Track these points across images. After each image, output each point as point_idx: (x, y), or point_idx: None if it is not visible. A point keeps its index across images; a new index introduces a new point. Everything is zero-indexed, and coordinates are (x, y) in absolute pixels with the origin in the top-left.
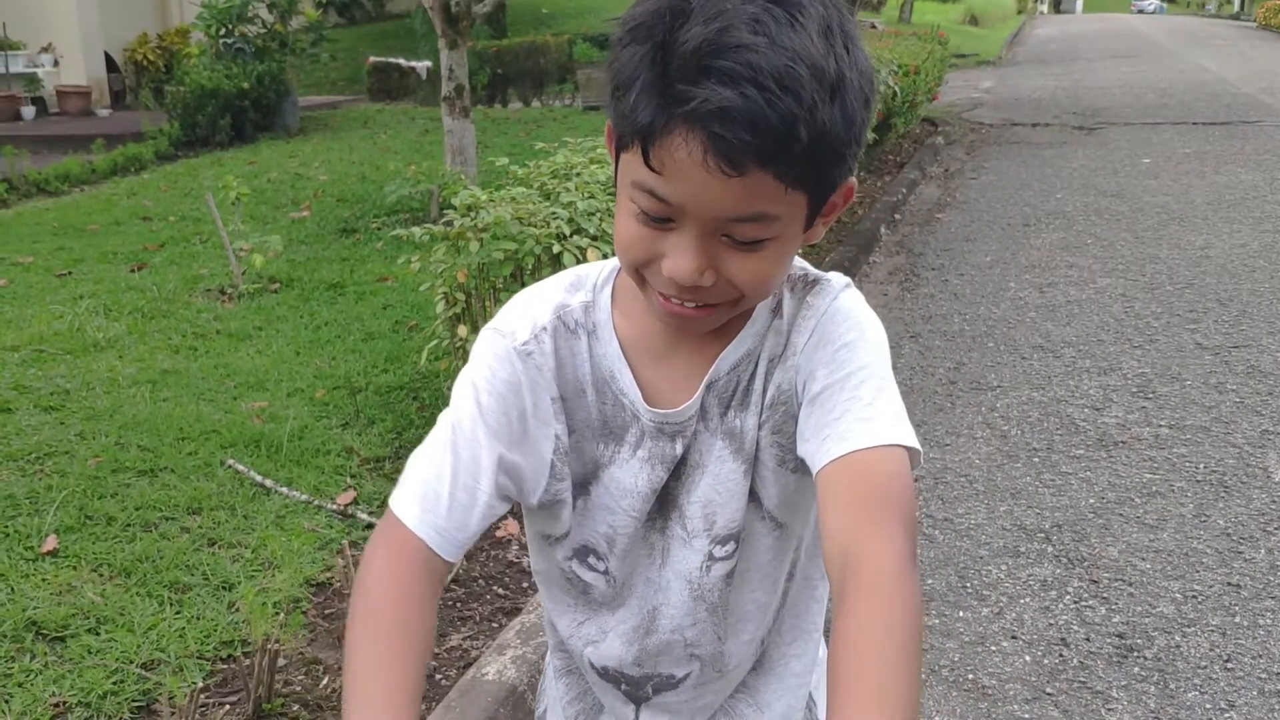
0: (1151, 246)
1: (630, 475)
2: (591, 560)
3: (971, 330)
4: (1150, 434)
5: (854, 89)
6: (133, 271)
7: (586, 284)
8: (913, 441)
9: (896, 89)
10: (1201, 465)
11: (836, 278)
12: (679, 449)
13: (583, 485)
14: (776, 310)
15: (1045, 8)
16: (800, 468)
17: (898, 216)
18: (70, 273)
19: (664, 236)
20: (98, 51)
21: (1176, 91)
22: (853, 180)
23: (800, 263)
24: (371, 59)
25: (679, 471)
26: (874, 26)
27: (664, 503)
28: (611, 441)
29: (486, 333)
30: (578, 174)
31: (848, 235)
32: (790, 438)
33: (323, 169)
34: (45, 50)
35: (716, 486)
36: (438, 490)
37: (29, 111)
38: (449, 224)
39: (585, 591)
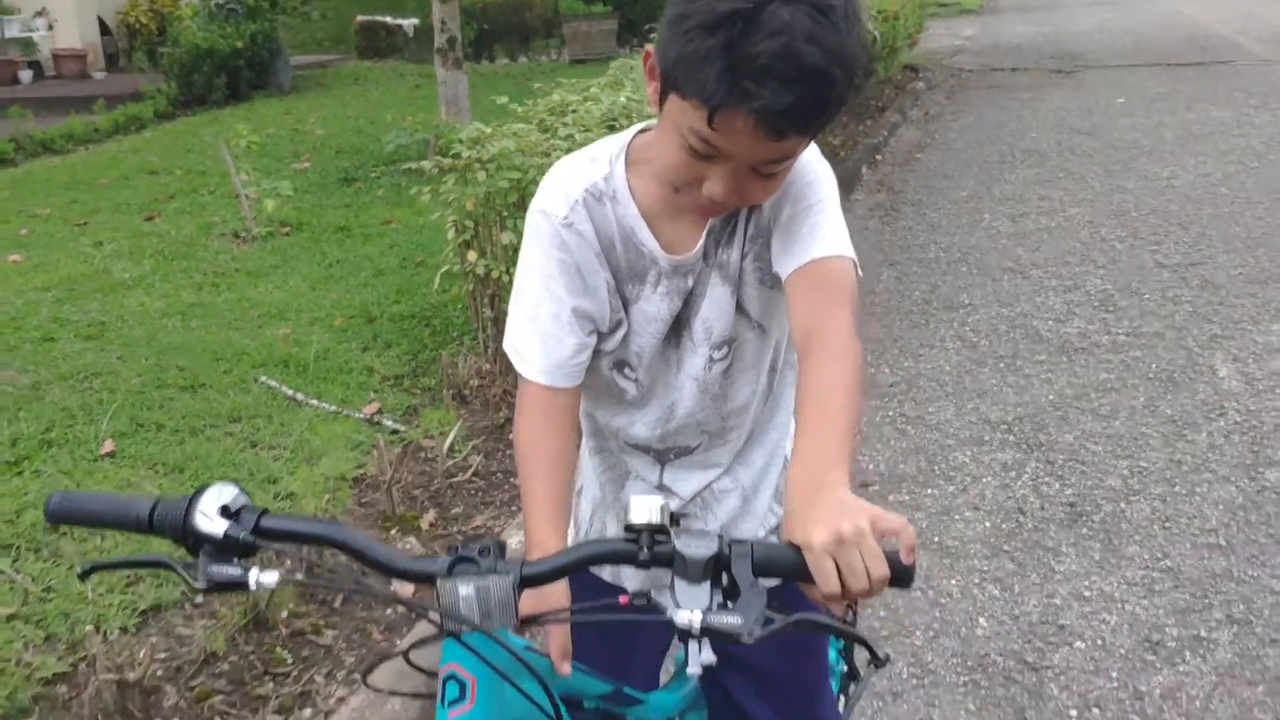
0: (1120, 179)
1: (653, 306)
2: (626, 371)
3: (947, 257)
4: (1108, 341)
5: (860, 62)
6: (147, 220)
7: (603, 158)
8: (852, 254)
9: (876, 34)
10: (1154, 365)
11: None
12: (690, 282)
13: (625, 315)
14: None
15: None
16: (775, 284)
17: (879, 157)
18: (87, 223)
19: (706, 166)
20: (91, 15)
21: (1153, 35)
22: None
23: None
24: (359, 18)
25: (690, 302)
26: None
27: (677, 326)
28: (637, 282)
29: (535, 215)
30: (574, 110)
31: None
32: (767, 261)
33: (319, 124)
34: (39, 15)
35: (712, 307)
36: (539, 344)
37: (26, 75)
38: (456, 156)
39: (621, 396)
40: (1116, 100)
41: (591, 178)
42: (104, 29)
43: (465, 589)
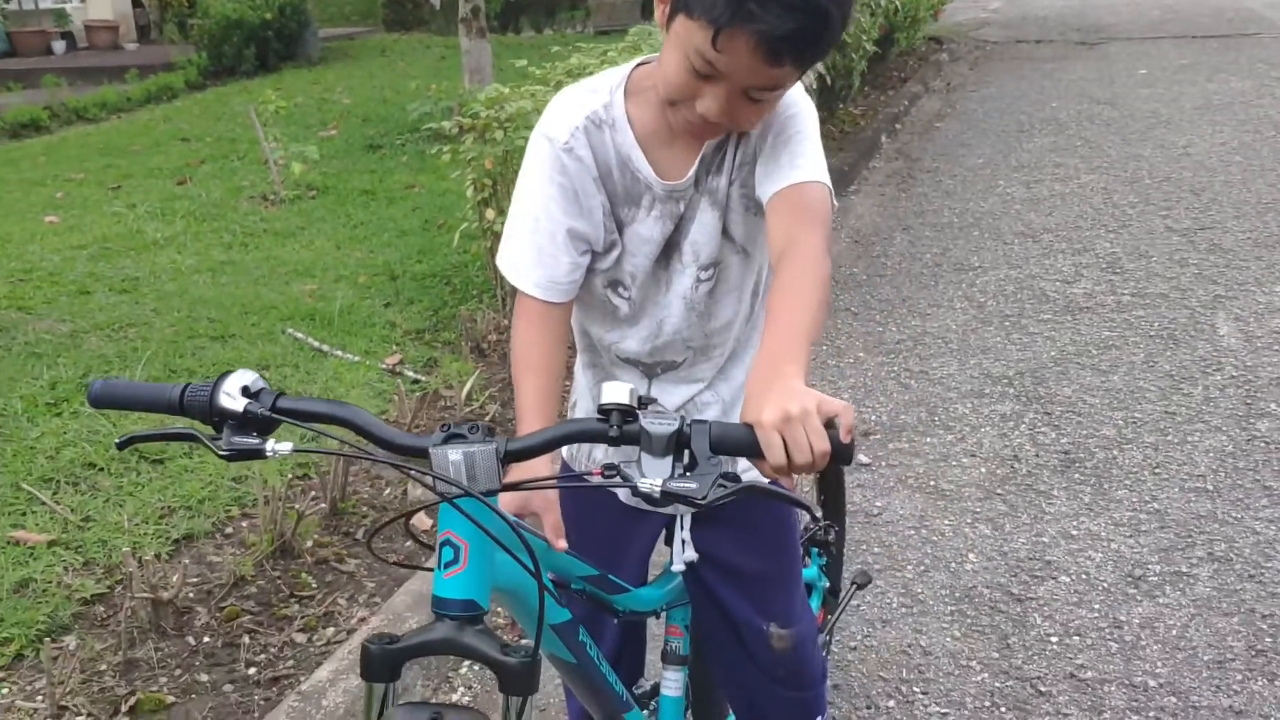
0: (1136, 147)
1: (647, 229)
2: (619, 290)
3: (960, 222)
4: (1113, 301)
5: (850, 9)
6: (179, 184)
7: (603, 88)
8: (827, 180)
9: (898, 4)
10: (1156, 324)
11: None
12: (681, 207)
13: (619, 237)
14: None
15: None
16: (759, 210)
17: (898, 126)
18: (120, 186)
19: (703, 84)
20: None
21: (1181, 7)
22: None
23: None
24: None
25: (680, 225)
26: None
27: (668, 248)
28: (632, 205)
29: (538, 139)
30: (590, 73)
31: (849, 143)
32: (751, 189)
33: (346, 93)
34: None
35: (701, 231)
36: (534, 258)
37: (59, 46)
38: (475, 116)
39: (614, 313)
40: (1138, 71)
41: (592, 106)
42: (135, 1)
43: (454, 454)
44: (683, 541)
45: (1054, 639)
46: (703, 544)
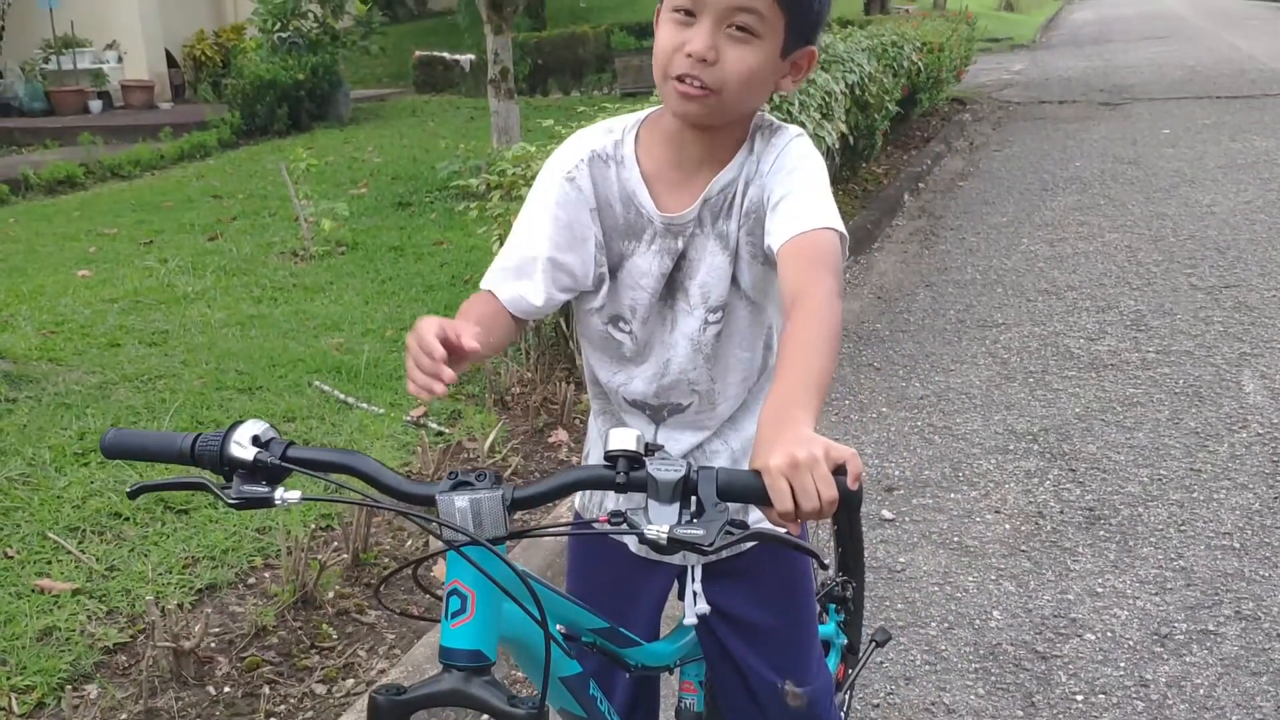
0: (1161, 205)
1: (646, 262)
2: (621, 325)
3: (983, 279)
4: (1138, 358)
5: None
6: (210, 240)
7: (617, 129)
8: (840, 227)
9: (920, 65)
10: (1181, 381)
11: (792, 127)
12: (680, 245)
13: (613, 272)
14: (751, 149)
15: None
16: (767, 260)
17: (921, 185)
18: (152, 241)
19: (687, 29)
20: (159, 48)
21: (1204, 68)
22: (814, 48)
23: (770, 116)
24: (418, 53)
25: (684, 265)
26: (907, 11)
27: (673, 287)
28: (633, 239)
29: (545, 169)
30: None
31: (873, 201)
32: (759, 238)
33: (376, 152)
34: (110, 47)
35: (710, 273)
36: (514, 273)
37: (96, 105)
38: (502, 173)
39: (618, 349)
40: (1162, 130)
41: (601, 143)
42: (171, 61)
43: (460, 502)
44: (694, 594)
45: (1079, 698)
46: (714, 598)
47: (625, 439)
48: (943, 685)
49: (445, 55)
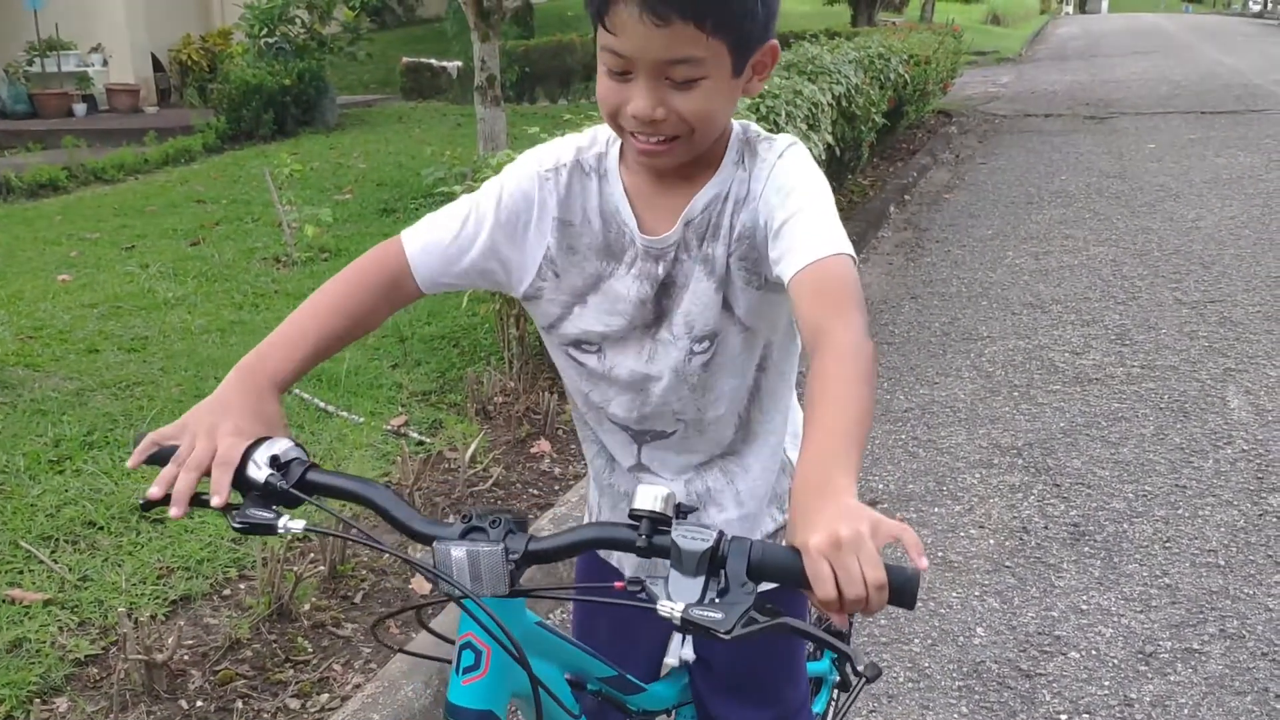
0: (1145, 219)
1: (625, 286)
2: (584, 347)
3: (968, 291)
4: (1123, 373)
5: None
6: (192, 245)
7: (603, 138)
8: (852, 251)
9: (907, 77)
10: (1166, 396)
11: (784, 137)
12: (661, 270)
13: (582, 295)
14: (740, 163)
15: (1070, 8)
16: (765, 286)
17: (907, 197)
18: (134, 246)
19: (626, 86)
20: (145, 52)
21: (1190, 83)
22: (774, 42)
23: (756, 127)
24: (405, 59)
25: (668, 290)
26: (894, 24)
27: (657, 315)
28: (612, 260)
29: (525, 155)
30: None
31: (858, 213)
32: (754, 263)
33: (362, 158)
34: (95, 50)
35: (695, 300)
36: (439, 239)
37: (80, 108)
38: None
39: (584, 365)
40: (1147, 145)
41: (584, 151)
42: (157, 65)
43: (457, 552)
44: (683, 637)
45: (1063, 717)
46: (701, 645)
47: (653, 498)
48: (926, 704)
49: (433, 62)
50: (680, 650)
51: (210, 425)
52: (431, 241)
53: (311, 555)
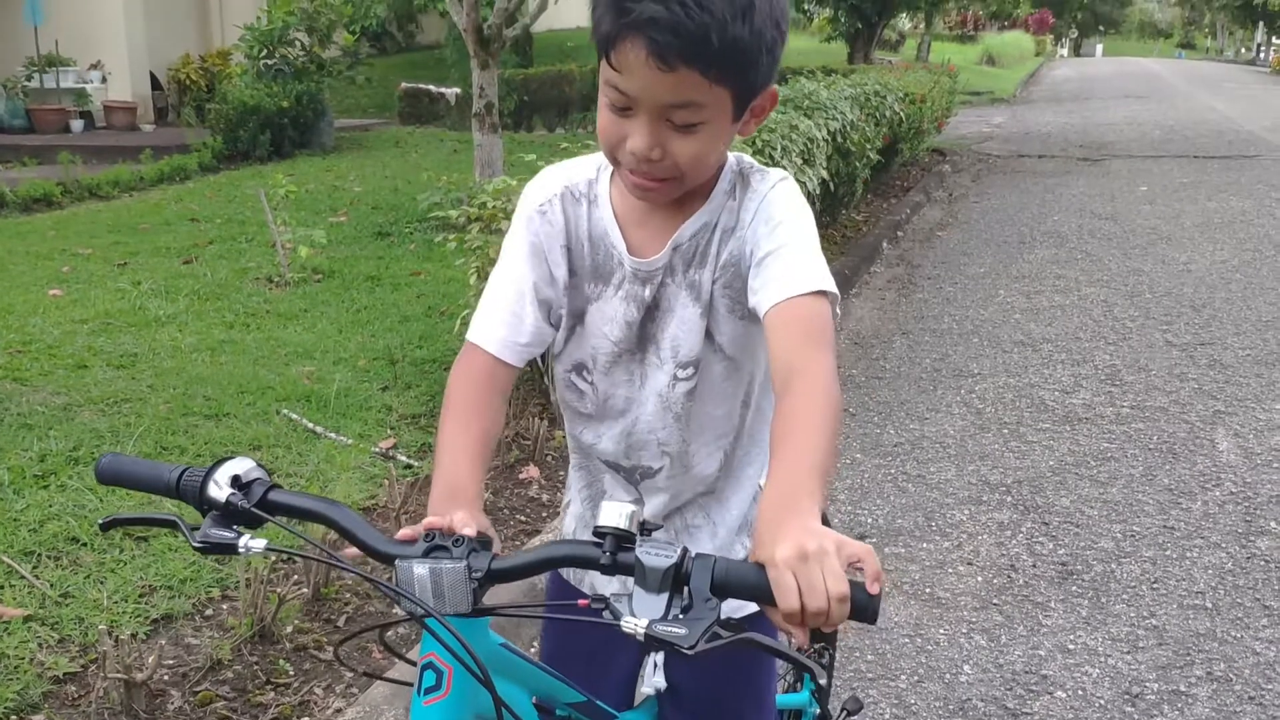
0: (1137, 261)
1: (612, 308)
2: (583, 373)
3: (959, 329)
4: (1112, 413)
5: (763, 13)
6: (185, 263)
7: (592, 165)
8: (833, 288)
9: (902, 115)
10: (1155, 437)
11: (776, 172)
12: (648, 294)
13: (579, 315)
14: (731, 193)
15: (1065, 51)
16: (747, 316)
17: (900, 234)
18: (127, 263)
19: (627, 122)
20: (143, 70)
21: (1182, 128)
22: (775, 87)
23: (750, 159)
24: (403, 84)
25: (654, 315)
26: (890, 63)
27: (643, 340)
28: (601, 282)
29: (520, 205)
30: None
31: (852, 248)
32: (739, 292)
33: (357, 181)
34: (94, 67)
35: (681, 325)
36: (498, 316)
37: (77, 125)
38: (483, 206)
39: (579, 400)
40: (1140, 188)
41: (574, 179)
42: (155, 84)
43: (420, 570)
44: (655, 665)
45: None
46: (673, 673)
47: (617, 515)
48: None
49: (431, 88)
50: (653, 679)
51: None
52: (504, 333)
53: (295, 577)
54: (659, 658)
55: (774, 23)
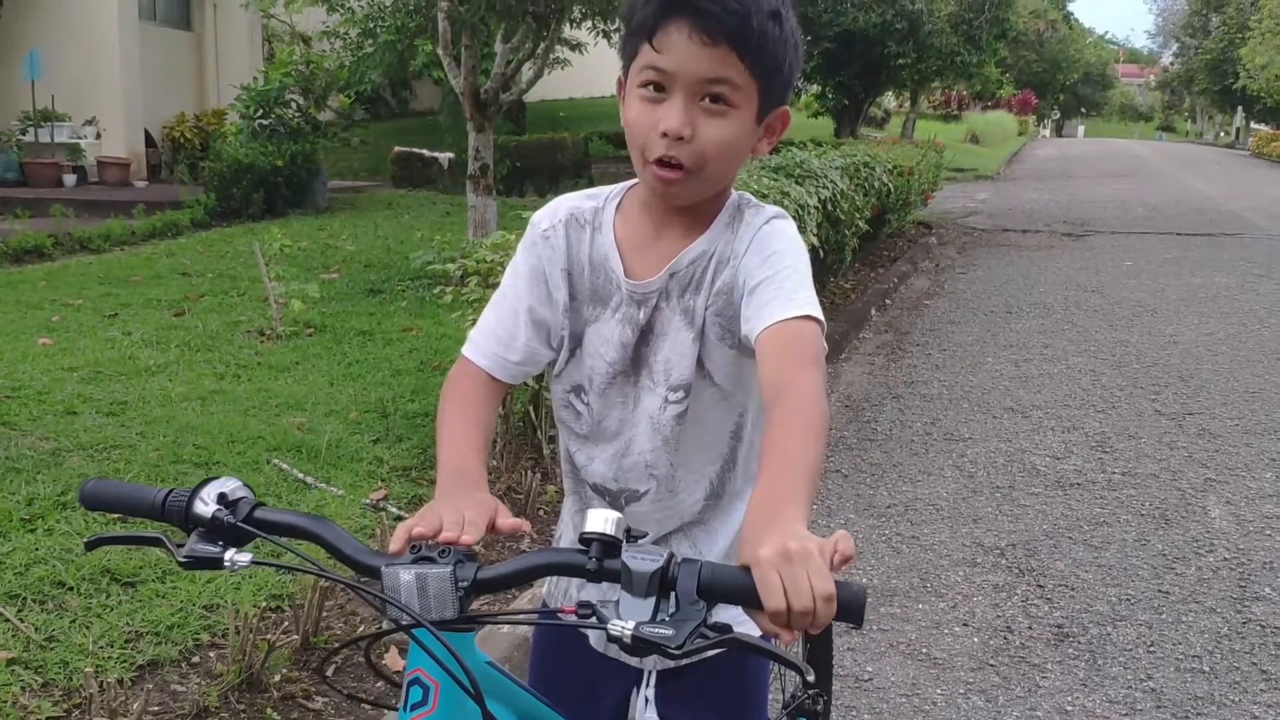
0: (1124, 333)
1: (609, 329)
2: (580, 395)
3: (949, 394)
4: (1104, 479)
5: (789, 27)
6: (176, 315)
7: (600, 196)
8: (821, 316)
9: (891, 186)
10: (1147, 503)
11: (772, 208)
12: (643, 316)
13: (578, 338)
14: (730, 225)
15: (1047, 131)
16: (738, 346)
17: (888, 302)
18: (117, 314)
19: (659, 107)
20: (138, 127)
21: (1165, 206)
22: (787, 109)
23: (750, 196)
24: (397, 148)
25: (648, 338)
26: (875, 139)
27: (637, 362)
28: (599, 305)
29: (528, 226)
30: None
31: (840, 314)
32: (730, 320)
33: (350, 240)
34: (89, 123)
35: (674, 349)
36: (492, 333)
37: (70, 179)
38: (481, 260)
39: (576, 421)
40: (1124, 263)
41: (581, 206)
42: (149, 141)
43: (406, 575)
44: (645, 700)
45: None
46: (665, 708)
47: (602, 521)
48: None
49: (424, 152)
50: (644, 714)
51: (452, 505)
52: (497, 351)
53: (285, 625)
54: (650, 692)
55: (794, 44)
